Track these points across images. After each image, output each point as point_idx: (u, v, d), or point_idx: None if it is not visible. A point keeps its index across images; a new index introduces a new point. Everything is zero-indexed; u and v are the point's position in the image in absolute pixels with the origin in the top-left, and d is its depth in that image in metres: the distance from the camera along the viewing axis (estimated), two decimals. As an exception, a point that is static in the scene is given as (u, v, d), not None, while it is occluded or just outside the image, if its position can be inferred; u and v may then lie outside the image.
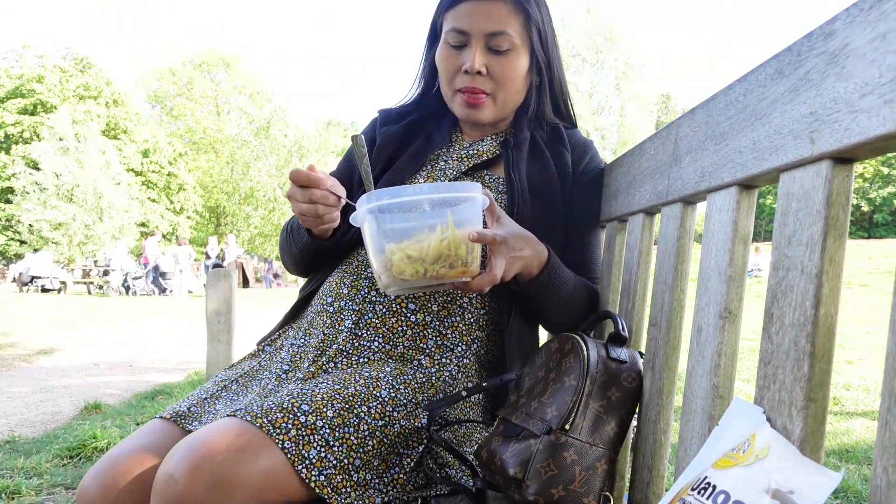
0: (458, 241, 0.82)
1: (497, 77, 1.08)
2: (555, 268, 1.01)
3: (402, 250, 0.82)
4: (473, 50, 1.06)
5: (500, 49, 1.06)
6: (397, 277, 0.83)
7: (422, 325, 1.01)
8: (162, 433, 0.92)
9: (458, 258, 0.82)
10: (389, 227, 0.82)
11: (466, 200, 0.84)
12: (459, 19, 1.06)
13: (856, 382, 3.98)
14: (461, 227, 0.83)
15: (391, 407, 0.90)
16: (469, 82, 1.07)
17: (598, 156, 1.20)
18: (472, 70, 1.06)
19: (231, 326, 3.24)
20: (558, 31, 22.37)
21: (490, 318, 1.06)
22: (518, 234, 0.95)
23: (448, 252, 0.82)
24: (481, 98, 1.08)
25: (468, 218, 0.84)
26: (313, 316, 1.07)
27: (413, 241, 0.82)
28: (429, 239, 0.81)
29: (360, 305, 1.02)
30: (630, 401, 0.86)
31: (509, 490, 0.83)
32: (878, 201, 34.48)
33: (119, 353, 5.62)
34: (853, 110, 0.51)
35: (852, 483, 2.19)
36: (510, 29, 1.05)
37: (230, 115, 36.09)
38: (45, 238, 23.81)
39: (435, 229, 0.81)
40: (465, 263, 0.83)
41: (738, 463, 0.56)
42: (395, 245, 0.82)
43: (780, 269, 0.60)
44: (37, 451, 2.62)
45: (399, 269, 0.82)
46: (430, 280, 0.83)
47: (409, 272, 0.82)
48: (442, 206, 0.82)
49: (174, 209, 32.26)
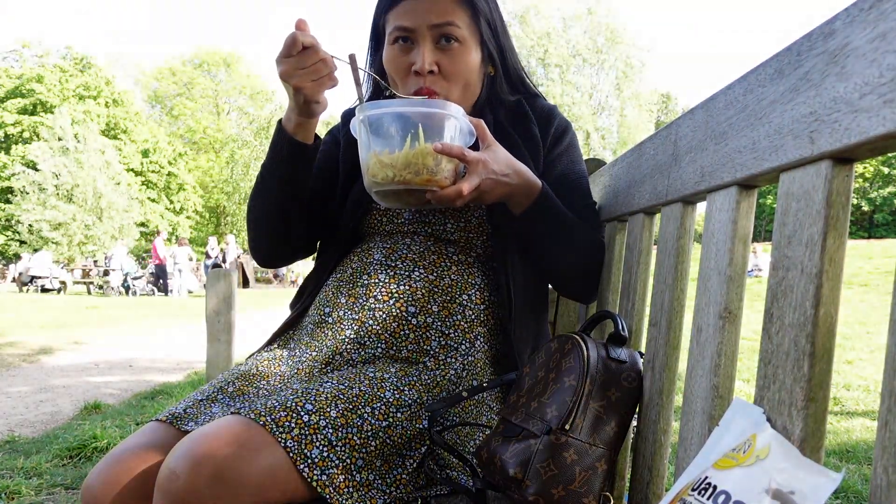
0: (425, 150, 0.90)
1: (449, 74, 1.04)
2: (549, 198, 1.00)
3: (377, 156, 0.92)
4: (422, 48, 1.02)
5: (449, 42, 1.03)
6: (372, 180, 0.92)
7: (423, 327, 1.00)
8: (162, 433, 0.92)
9: (424, 167, 0.90)
10: (374, 136, 0.92)
11: (442, 117, 0.92)
12: (402, 17, 1.03)
13: (856, 382, 3.98)
14: (431, 141, 0.91)
15: (395, 408, 0.90)
16: (422, 83, 1.04)
17: (563, 117, 1.18)
18: (422, 71, 1.02)
19: (231, 326, 3.24)
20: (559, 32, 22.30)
21: (491, 313, 1.06)
22: (506, 161, 0.96)
23: (415, 160, 0.89)
24: (433, 97, 1.04)
25: (440, 133, 0.92)
26: (313, 328, 1.06)
27: (386, 149, 0.91)
28: (399, 148, 0.91)
29: (360, 314, 1.01)
30: (630, 401, 0.86)
31: (509, 490, 0.82)
32: (878, 201, 34.48)
33: (119, 353, 5.62)
34: (853, 110, 0.51)
35: (853, 483, 2.19)
36: (457, 20, 1.03)
37: (230, 115, 36.10)
38: (45, 238, 23.81)
39: (405, 140, 0.90)
40: (430, 173, 0.90)
41: (739, 463, 0.56)
42: (373, 152, 0.92)
43: (780, 269, 0.60)
44: (37, 451, 2.61)
45: (373, 172, 0.92)
46: (397, 185, 0.91)
47: (381, 176, 0.91)
48: (414, 121, 0.91)
49: (174, 209, 32.26)
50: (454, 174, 0.94)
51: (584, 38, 29.07)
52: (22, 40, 29.70)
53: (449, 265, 1.05)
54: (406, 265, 1.03)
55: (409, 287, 1.01)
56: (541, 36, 29.53)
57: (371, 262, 1.05)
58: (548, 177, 1.11)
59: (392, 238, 1.07)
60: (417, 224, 1.08)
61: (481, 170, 0.92)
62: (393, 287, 1.01)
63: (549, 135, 1.15)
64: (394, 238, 1.07)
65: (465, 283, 1.04)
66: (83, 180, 24.49)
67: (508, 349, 1.05)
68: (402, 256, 1.04)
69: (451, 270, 1.04)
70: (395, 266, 1.03)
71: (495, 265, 1.07)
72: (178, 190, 32.53)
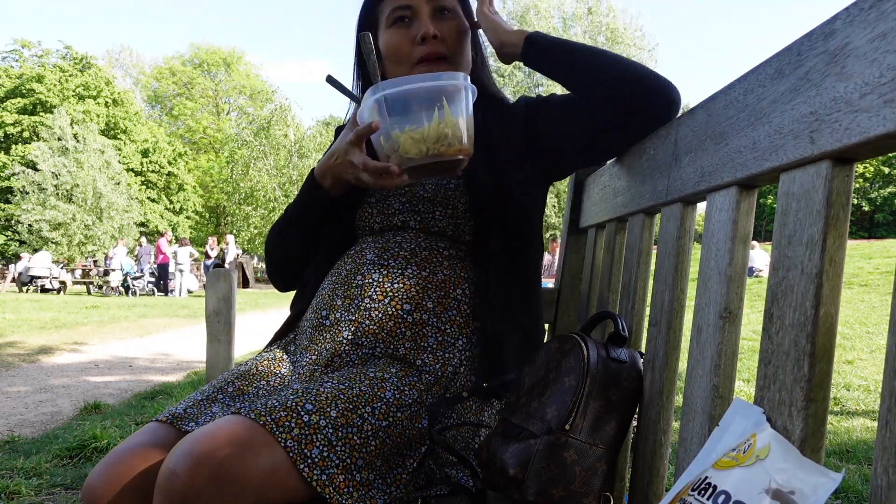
0: (454, 122, 0.94)
1: (450, 41, 1.11)
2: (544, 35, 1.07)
3: (407, 133, 0.93)
4: (423, 18, 1.09)
5: (445, 13, 1.11)
6: (404, 157, 0.94)
7: (420, 324, 1.00)
8: (162, 433, 0.92)
9: (455, 138, 0.94)
10: (396, 114, 0.94)
11: (458, 87, 0.96)
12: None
13: (856, 382, 3.98)
14: (456, 113, 0.95)
15: (395, 408, 0.90)
16: (428, 48, 1.09)
17: (527, 95, 1.19)
18: (428, 35, 1.07)
19: (231, 326, 3.24)
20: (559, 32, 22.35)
21: (487, 308, 1.05)
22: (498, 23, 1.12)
23: (446, 132, 0.93)
24: (443, 63, 1.10)
25: (461, 103, 0.96)
26: (311, 331, 1.06)
27: (415, 125, 0.94)
28: (429, 122, 0.93)
29: (356, 315, 1.01)
30: (630, 401, 0.86)
31: (509, 490, 0.82)
32: (878, 201, 34.48)
33: (119, 353, 5.62)
34: (853, 110, 0.51)
35: (853, 483, 2.19)
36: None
37: (230, 115, 36.10)
38: (45, 238, 23.79)
39: (433, 114, 0.93)
40: (460, 142, 0.94)
41: (739, 463, 0.56)
42: (399, 130, 0.94)
43: (780, 269, 0.60)
44: (36, 451, 2.61)
45: (405, 149, 0.94)
46: (432, 157, 0.94)
47: (414, 151, 0.93)
48: (438, 94, 0.93)
49: (174, 209, 32.25)
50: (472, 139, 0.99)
51: (585, 39, 29.07)
52: (22, 40, 29.69)
53: (441, 260, 1.04)
54: (399, 263, 1.04)
55: (402, 285, 1.01)
56: (541, 36, 29.45)
57: (364, 263, 1.05)
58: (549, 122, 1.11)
59: (384, 236, 1.08)
60: (407, 214, 1.08)
61: None
62: (387, 286, 1.01)
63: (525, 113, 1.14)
64: (385, 236, 1.07)
65: (458, 277, 1.04)
66: (83, 180, 24.47)
67: (491, 345, 1.03)
68: (394, 255, 1.04)
69: (444, 266, 1.04)
70: (388, 265, 1.03)
71: (477, 258, 1.07)
72: (177, 190, 32.52)
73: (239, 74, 36.41)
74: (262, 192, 23.72)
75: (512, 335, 1.04)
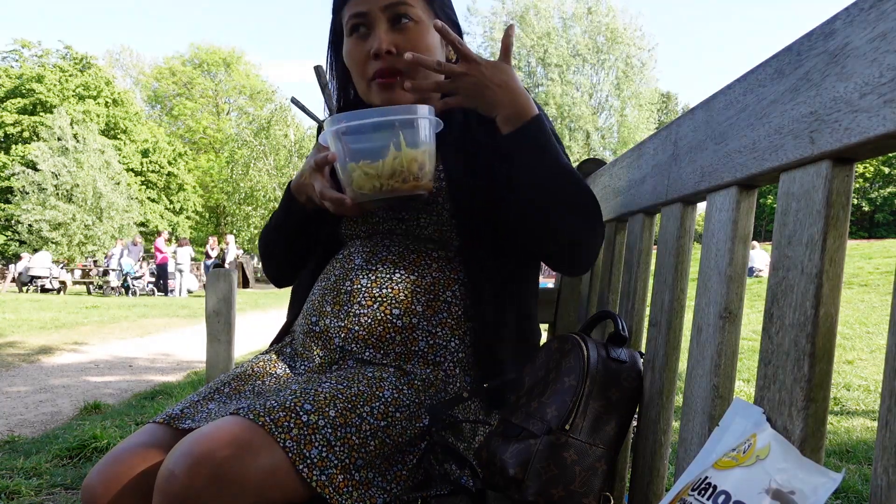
0: (410, 158, 0.91)
1: None
2: (542, 126, 0.95)
3: (361, 168, 0.92)
4: (377, 30, 1.01)
5: (405, 22, 1.01)
6: (357, 192, 0.93)
7: (409, 328, 0.99)
8: (161, 434, 0.92)
9: (409, 174, 0.91)
10: (350, 147, 0.92)
11: (416, 121, 0.92)
12: (355, 4, 1.02)
13: (856, 382, 3.98)
14: (415, 146, 0.92)
15: (394, 407, 0.90)
16: (382, 64, 1.01)
17: None
18: (380, 51, 0.99)
19: (231, 326, 3.23)
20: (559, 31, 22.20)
21: (478, 309, 1.03)
22: (500, 68, 0.94)
23: (401, 168, 0.91)
24: (395, 79, 1.01)
25: (419, 137, 0.93)
26: (303, 338, 1.06)
27: (370, 159, 0.92)
28: (383, 157, 0.91)
29: (345, 321, 1.00)
30: (630, 401, 0.86)
31: (509, 490, 0.83)
32: (878, 201, 34.46)
33: (119, 353, 5.62)
34: (853, 110, 0.51)
35: (853, 483, 2.19)
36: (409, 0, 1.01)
37: (230, 115, 36.10)
38: (45, 238, 23.79)
39: (388, 149, 0.91)
40: (416, 178, 0.92)
41: (739, 463, 0.56)
42: (355, 163, 0.92)
43: (780, 269, 0.60)
44: (36, 451, 2.61)
45: (358, 184, 0.92)
46: (385, 193, 0.92)
47: (368, 187, 0.92)
48: (394, 127, 0.91)
49: (174, 209, 32.24)
50: (434, 170, 0.96)
51: (584, 38, 29.05)
52: (22, 40, 29.68)
53: (429, 262, 1.03)
54: (387, 268, 1.02)
55: (391, 290, 1.00)
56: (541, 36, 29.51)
57: (352, 268, 1.04)
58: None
59: (371, 241, 1.06)
60: (393, 222, 1.05)
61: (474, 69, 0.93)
62: (375, 291, 1.00)
63: None
64: (373, 241, 1.06)
65: (448, 279, 1.02)
66: (83, 180, 24.47)
67: (485, 346, 1.02)
68: (382, 259, 1.03)
69: (432, 268, 1.03)
70: (377, 270, 1.02)
71: (467, 260, 1.04)
72: (178, 190, 32.51)
73: (239, 74, 36.39)
74: (262, 192, 23.73)
75: (505, 333, 1.04)
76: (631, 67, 29.51)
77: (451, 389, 0.99)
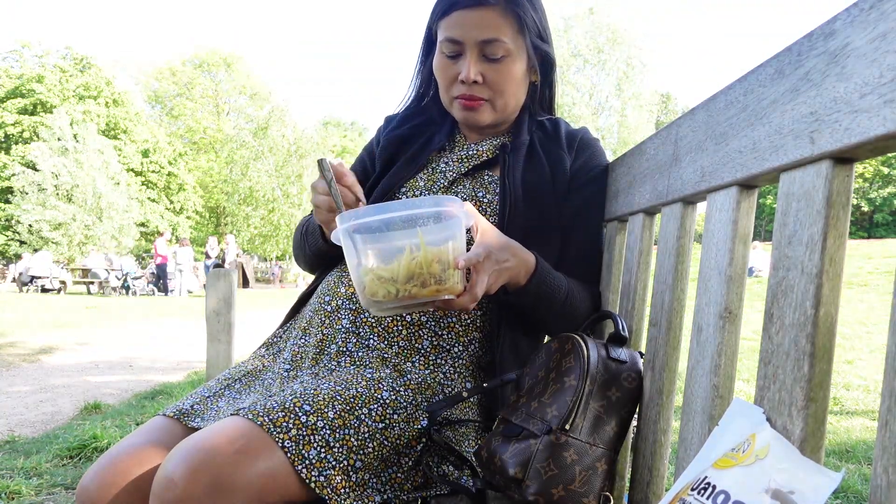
0: (430, 259, 0.79)
1: (493, 84, 1.08)
2: (544, 274, 0.99)
3: (373, 271, 0.80)
4: (468, 59, 1.06)
5: (495, 57, 1.06)
6: (371, 300, 0.81)
7: (417, 324, 1.01)
8: (164, 431, 0.92)
9: (430, 276, 0.80)
10: (363, 247, 0.81)
11: (441, 216, 0.81)
12: (452, 29, 1.06)
13: (856, 382, 3.98)
14: (437, 244, 0.80)
15: (392, 409, 0.90)
16: (465, 90, 1.08)
17: (601, 155, 1.17)
18: (467, 80, 1.07)
19: (231, 326, 3.24)
20: (560, 32, 22.20)
21: (487, 320, 1.06)
22: (503, 245, 0.93)
23: (419, 271, 0.79)
24: (478, 103, 1.09)
25: (444, 234, 0.82)
26: (311, 314, 1.08)
27: (383, 262, 0.80)
28: (399, 258, 0.79)
29: (357, 304, 1.02)
30: (630, 401, 0.86)
31: (509, 490, 0.83)
32: (878, 201, 34.47)
33: (119, 353, 5.62)
34: (853, 110, 0.51)
35: (852, 483, 2.19)
36: (503, 36, 1.05)
37: (230, 116, 36.11)
38: (45, 238, 23.80)
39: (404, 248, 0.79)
40: (438, 281, 0.80)
41: (739, 463, 0.56)
42: (370, 267, 0.81)
43: (780, 269, 0.60)
44: (37, 451, 2.61)
45: (371, 290, 0.80)
46: (402, 300, 0.80)
47: (381, 293, 0.80)
48: (413, 224, 0.79)
49: (174, 209, 32.25)
50: (464, 275, 0.84)
51: (585, 38, 29.04)
52: (22, 40, 29.69)
53: None
54: None
55: None
56: (541, 36, 29.41)
57: None
58: (568, 203, 1.12)
59: None
60: None
61: (487, 265, 0.88)
62: None
63: (578, 163, 1.15)
64: None
65: None
66: (83, 180, 24.48)
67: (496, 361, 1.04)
68: None
69: None
70: None
71: None
72: (178, 190, 32.52)
73: (239, 75, 36.37)
74: (262, 192, 23.72)
75: (508, 347, 1.04)
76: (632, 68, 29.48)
77: (449, 393, 0.99)
